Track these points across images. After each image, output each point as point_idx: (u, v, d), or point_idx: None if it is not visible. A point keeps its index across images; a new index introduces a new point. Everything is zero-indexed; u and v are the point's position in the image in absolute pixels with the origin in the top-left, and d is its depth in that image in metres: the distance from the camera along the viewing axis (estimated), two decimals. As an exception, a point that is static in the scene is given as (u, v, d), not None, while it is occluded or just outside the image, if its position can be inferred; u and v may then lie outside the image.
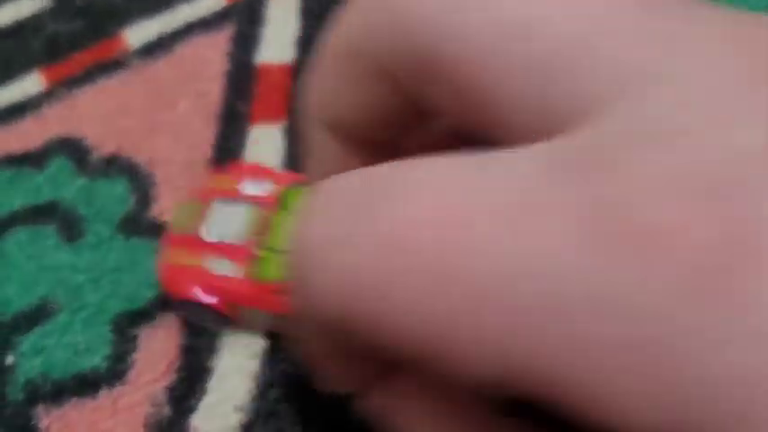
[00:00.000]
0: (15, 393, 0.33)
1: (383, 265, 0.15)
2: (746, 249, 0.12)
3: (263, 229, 0.30)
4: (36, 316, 0.35)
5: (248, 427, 0.30)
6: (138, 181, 0.38)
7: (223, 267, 0.30)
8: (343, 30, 0.21)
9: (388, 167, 0.16)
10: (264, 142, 0.39)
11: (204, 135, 0.40)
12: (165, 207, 0.37)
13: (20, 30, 0.46)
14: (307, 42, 0.42)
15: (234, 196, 0.32)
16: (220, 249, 0.30)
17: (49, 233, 0.37)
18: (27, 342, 0.34)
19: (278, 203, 0.31)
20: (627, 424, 0.13)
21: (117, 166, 0.39)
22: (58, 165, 0.40)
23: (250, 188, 0.32)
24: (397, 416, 0.21)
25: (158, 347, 0.33)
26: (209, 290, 0.30)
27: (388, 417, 0.21)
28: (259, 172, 0.33)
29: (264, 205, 0.31)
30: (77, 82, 0.43)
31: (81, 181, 0.39)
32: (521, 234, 0.14)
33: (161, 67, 0.43)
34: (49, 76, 0.44)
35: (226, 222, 0.31)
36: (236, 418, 0.30)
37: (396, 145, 0.23)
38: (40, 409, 0.32)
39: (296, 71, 0.41)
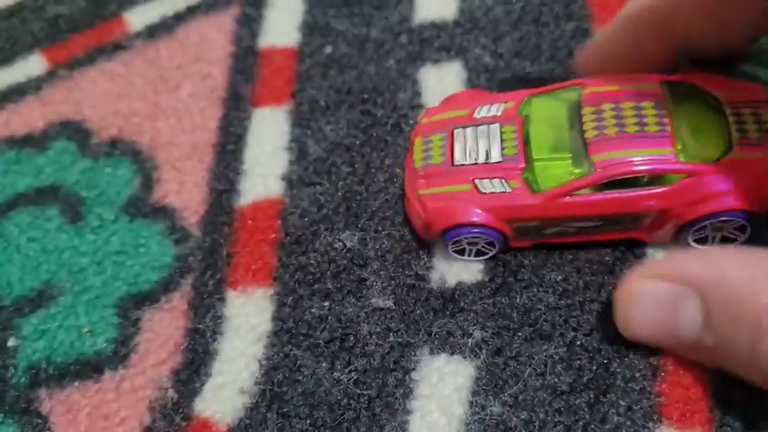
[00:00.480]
0: (18, 376, 0.32)
1: None
2: None
3: (516, 144, 0.30)
4: (39, 299, 0.34)
5: (253, 410, 0.30)
6: (141, 163, 0.38)
7: (492, 186, 0.30)
8: None
9: None
10: (269, 126, 0.38)
11: (208, 118, 0.39)
12: (169, 190, 0.37)
13: (21, 10, 0.46)
14: (311, 27, 0.42)
15: (472, 122, 0.32)
16: (484, 170, 0.30)
17: (51, 215, 0.37)
18: (29, 325, 0.34)
19: (518, 117, 0.31)
20: None
21: (119, 148, 0.39)
22: (59, 147, 0.39)
23: (484, 111, 0.32)
24: None
25: (163, 330, 0.33)
26: (483, 209, 0.30)
27: None
28: (484, 97, 0.33)
29: (507, 121, 0.31)
30: (79, 64, 0.43)
31: (83, 163, 0.39)
32: None
33: (163, 49, 0.43)
34: (51, 58, 0.43)
35: (477, 145, 0.31)
36: (241, 401, 0.30)
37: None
38: (42, 393, 0.32)
39: (300, 55, 0.41)
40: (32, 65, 0.43)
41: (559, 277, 0.31)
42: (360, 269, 0.33)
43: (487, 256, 0.32)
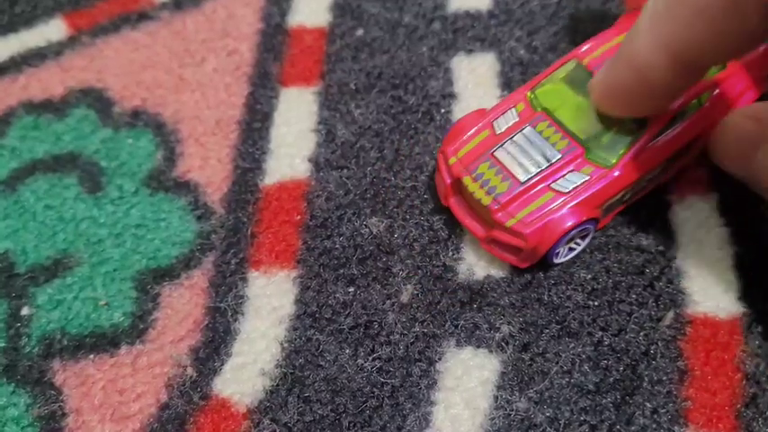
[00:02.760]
0: (31, 346, 0.32)
1: None
2: None
3: (561, 135, 0.30)
4: (55, 268, 0.34)
5: (274, 393, 0.29)
6: (164, 136, 0.37)
7: (570, 182, 0.29)
8: None
9: None
10: (296, 106, 0.38)
11: (233, 94, 0.38)
12: (192, 165, 0.36)
13: (44, -27, 0.45)
14: (343, 8, 0.41)
15: (503, 138, 0.31)
16: (554, 173, 0.30)
17: (69, 184, 0.36)
18: (44, 294, 0.33)
19: (539, 113, 0.31)
20: None
21: (142, 119, 0.38)
22: (79, 114, 0.39)
23: (503, 124, 0.31)
24: None
25: (182, 307, 0.32)
26: (573, 208, 0.29)
27: None
28: (488, 114, 0.32)
29: (534, 121, 0.31)
30: (102, 32, 0.42)
31: (104, 132, 0.38)
32: None
33: (189, 22, 0.42)
34: (73, 23, 0.42)
35: (530, 155, 0.30)
36: (261, 383, 0.30)
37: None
38: (56, 364, 0.31)
39: (331, 36, 0.40)
40: (53, 29, 0.42)
41: (589, 276, 0.31)
42: (386, 256, 0.32)
43: (584, 245, 0.31)
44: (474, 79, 0.37)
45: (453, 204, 0.32)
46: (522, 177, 0.30)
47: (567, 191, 0.29)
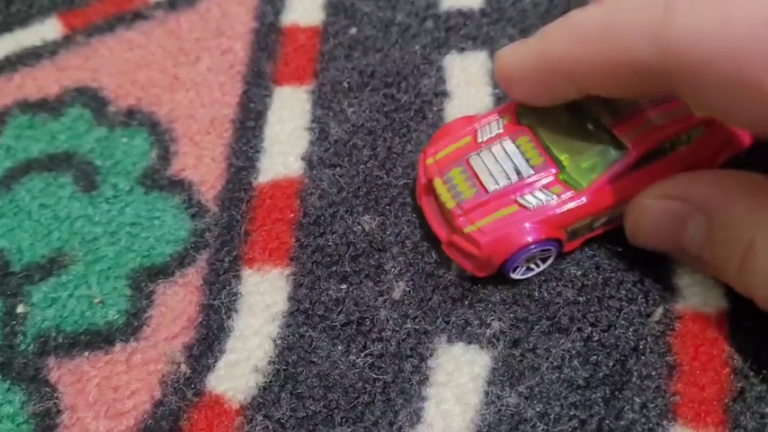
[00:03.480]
0: (26, 344, 0.32)
1: None
2: None
3: (538, 152, 0.30)
4: (50, 266, 0.34)
5: (266, 389, 0.30)
6: (159, 135, 0.37)
7: (537, 199, 0.29)
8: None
9: None
10: (290, 104, 0.38)
11: (227, 93, 0.39)
12: (186, 163, 0.36)
13: (39, -27, 0.45)
14: (336, 6, 0.41)
15: (482, 146, 0.31)
16: (522, 187, 0.29)
17: (64, 183, 0.36)
18: (39, 292, 0.33)
19: (524, 127, 0.31)
20: None
21: (137, 118, 0.38)
22: (74, 113, 0.39)
23: (486, 133, 0.31)
24: None
25: (176, 305, 0.32)
26: (535, 225, 0.29)
27: None
28: (475, 120, 0.32)
29: (516, 135, 0.31)
30: (97, 31, 0.42)
31: (99, 131, 0.38)
32: None
33: (184, 20, 0.42)
34: (68, 23, 0.42)
35: (502, 167, 0.30)
36: (254, 380, 0.30)
37: None
38: (51, 361, 0.31)
39: (324, 35, 0.40)
40: (48, 29, 0.42)
41: (579, 272, 0.31)
42: (378, 253, 0.32)
43: (544, 267, 0.31)
44: (466, 78, 0.37)
45: (424, 204, 0.32)
46: (491, 187, 0.30)
47: (532, 206, 0.29)
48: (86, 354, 0.31)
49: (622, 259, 0.31)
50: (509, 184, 0.30)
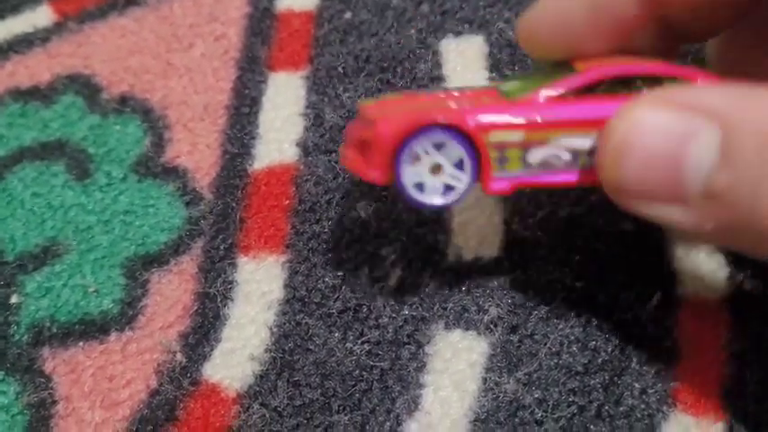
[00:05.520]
0: (20, 334, 0.32)
1: None
2: None
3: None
4: (43, 256, 0.33)
5: (263, 378, 0.29)
6: (152, 122, 0.37)
7: (465, 101, 0.25)
8: None
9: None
10: (285, 90, 0.37)
11: (221, 79, 0.38)
12: (180, 150, 0.36)
13: (29, -42, 0.44)
14: (330, -10, 0.41)
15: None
16: (454, 94, 0.26)
17: (57, 171, 0.36)
18: (33, 282, 0.33)
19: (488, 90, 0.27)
20: None
21: (130, 105, 0.38)
22: (67, 101, 0.38)
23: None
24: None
25: (171, 293, 0.32)
26: (443, 112, 0.24)
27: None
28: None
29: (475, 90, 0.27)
30: (89, 18, 0.41)
31: (91, 119, 0.38)
32: None
33: (177, 6, 0.41)
34: (59, 10, 0.42)
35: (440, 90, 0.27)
36: (250, 368, 0.30)
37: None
38: (45, 351, 0.31)
39: (319, 20, 0.40)
40: (40, 16, 0.42)
41: (577, 257, 0.31)
42: (375, 240, 0.32)
43: (465, 186, 0.24)
44: (462, 62, 0.37)
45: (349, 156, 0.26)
46: (420, 93, 0.26)
47: (454, 106, 0.24)
48: (81, 344, 0.31)
49: (620, 244, 0.31)
50: (442, 92, 0.26)
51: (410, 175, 0.24)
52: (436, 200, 0.25)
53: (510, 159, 0.25)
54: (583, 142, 0.24)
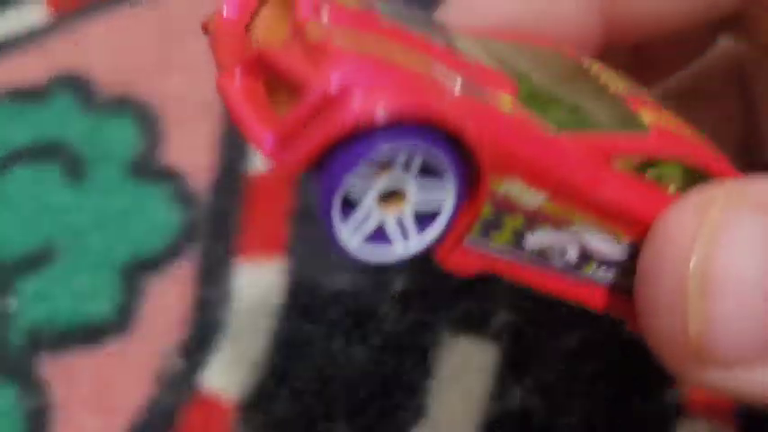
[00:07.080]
0: (17, 339, 0.31)
1: None
2: None
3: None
4: (38, 259, 0.33)
5: (263, 385, 0.29)
6: (149, 122, 0.36)
7: (463, 86, 0.14)
8: None
9: None
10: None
11: (219, 78, 0.38)
12: (177, 151, 0.35)
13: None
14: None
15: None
16: (445, 54, 0.15)
17: (52, 173, 0.35)
18: (31, 287, 0.32)
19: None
20: None
21: (126, 105, 0.37)
22: (62, 102, 0.38)
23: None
24: None
25: (170, 298, 0.31)
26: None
27: None
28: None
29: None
30: (85, 16, 0.41)
31: (87, 120, 0.37)
32: None
33: (174, 5, 0.41)
34: (55, 7, 0.41)
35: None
36: (250, 375, 0.29)
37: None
38: (43, 356, 0.31)
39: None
40: (35, 13, 0.41)
41: (585, 260, 0.30)
42: (377, 243, 0.31)
43: (431, 233, 0.15)
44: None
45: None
46: (406, 27, 0.16)
47: (455, 87, 0.14)
48: (78, 349, 0.31)
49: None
50: (436, 42, 0.16)
51: (360, 190, 0.14)
52: (360, 238, 0.14)
53: (502, 229, 0.16)
54: (610, 248, 0.17)
